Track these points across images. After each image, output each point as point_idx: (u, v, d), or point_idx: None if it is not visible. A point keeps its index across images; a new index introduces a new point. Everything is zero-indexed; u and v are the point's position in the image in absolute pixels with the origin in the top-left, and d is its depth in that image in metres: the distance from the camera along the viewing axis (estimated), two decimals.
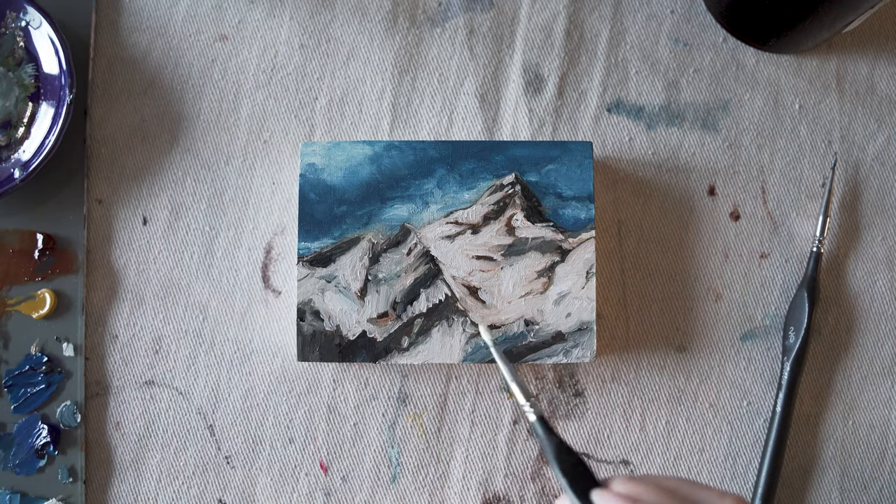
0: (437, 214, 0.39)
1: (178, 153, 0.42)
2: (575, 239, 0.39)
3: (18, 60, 0.40)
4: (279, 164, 0.42)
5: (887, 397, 0.41)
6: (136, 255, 0.41)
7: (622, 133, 0.42)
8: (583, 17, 0.43)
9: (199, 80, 0.42)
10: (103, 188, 0.41)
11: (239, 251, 0.41)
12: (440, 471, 0.40)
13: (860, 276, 0.42)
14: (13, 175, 0.39)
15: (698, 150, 0.42)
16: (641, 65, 0.43)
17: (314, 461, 0.40)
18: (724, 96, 0.43)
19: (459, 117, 0.42)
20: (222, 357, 0.41)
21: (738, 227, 0.42)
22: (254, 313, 0.41)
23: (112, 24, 0.42)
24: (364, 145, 0.39)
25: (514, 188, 0.39)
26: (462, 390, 0.41)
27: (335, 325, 0.38)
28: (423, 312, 0.38)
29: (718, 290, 0.42)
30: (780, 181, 0.42)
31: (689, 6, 0.43)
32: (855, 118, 0.43)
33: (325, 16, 0.43)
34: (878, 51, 0.43)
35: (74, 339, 0.40)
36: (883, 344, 0.41)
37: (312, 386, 0.41)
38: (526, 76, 0.42)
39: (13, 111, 0.40)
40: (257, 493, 0.40)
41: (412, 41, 0.43)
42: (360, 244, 0.38)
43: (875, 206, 0.42)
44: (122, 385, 0.40)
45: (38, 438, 0.39)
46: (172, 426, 0.40)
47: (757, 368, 0.41)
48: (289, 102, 0.42)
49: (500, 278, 0.38)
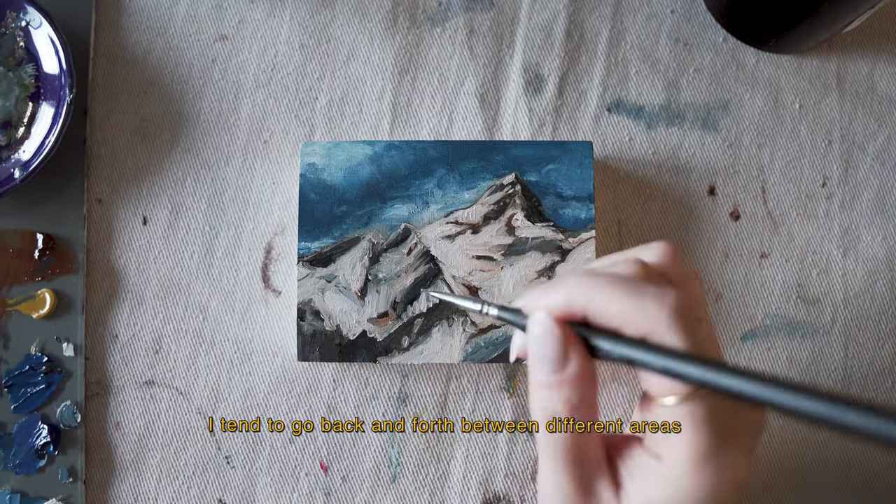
0: (437, 214, 0.39)
1: (178, 153, 0.42)
2: (575, 239, 0.39)
3: (18, 60, 0.40)
4: (279, 164, 0.42)
5: (887, 397, 0.41)
6: (136, 255, 0.41)
7: (622, 133, 0.42)
8: (583, 17, 0.43)
9: (199, 80, 0.42)
10: (103, 188, 0.41)
11: (239, 251, 0.41)
12: (440, 471, 0.40)
13: (860, 276, 0.42)
14: (13, 175, 0.39)
15: (698, 150, 0.42)
16: (641, 65, 0.43)
17: (314, 461, 0.40)
18: (724, 96, 0.43)
19: (459, 117, 0.42)
20: (222, 357, 0.41)
21: (738, 227, 0.42)
22: (254, 313, 0.41)
23: (112, 24, 0.42)
24: (364, 145, 0.39)
25: (514, 188, 0.39)
26: (462, 390, 0.41)
27: (335, 325, 0.38)
28: (423, 312, 0.38)
29: (718, 290, 0.42)
30: (780, 181, 0.42)
31: (689, 6, 0.43)
32: (855, 118, 0.43)
33: (325, 16, 0.43)
34: (878, 51, 0.43)
35: (74, 339, 0.40)
36: (883, 344, 0.41)
37: (312, 386, 0.41)
38: (526, 76, 0.42)
39: (13, 111, 0.40)
40: (257, 493, 0.40)
41: (412, 41, 0.43)
42: (361, 244, 0.38)
43: (875, 206, 0.42)
44: (122, 385, 0.40)
45: (38, 438, 0.39)
46: (172, 426, 0.40)
47: (757, 368, 0.41)
48: (289, 102, 0.42)
49: (500, 278, 0.38)
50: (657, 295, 0.24)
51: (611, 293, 0.24)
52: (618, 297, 0.24)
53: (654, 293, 0.24)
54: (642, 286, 0.24)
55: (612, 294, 0.24)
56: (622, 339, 0.24)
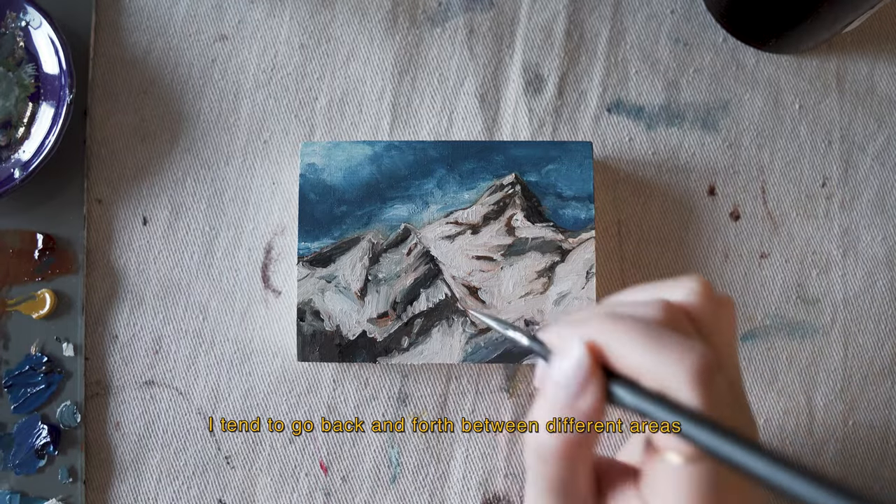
0: (437, 214, 0.39)
1: (178, 153, 0.42)
2: (575, 239, 0.39)
3: (18, 60, 0.40)
4: (279, 164, 0.42)
5: (887, 397, 0.41)
6: (136, 255, 0.41)
7: (622, 133, 0.42)
8: (583, 17, 0.43)
9: (199, 80, 0.42)
10: (103, 188, 0.41)
11: (239, 251, 0.41)
12: (440, 471, 0.40)
13: (860, 276, 0.42)
14: (13, 175, 0.39)
15: (698, 150, 0.42)
16: (641, 65, 0.43)
17: (314, 461, 0.40)
18: (724, 96, 0.43)
19: (459, 117, 0.42)
20: (222, 357, 0.41)
21: (738, 227, 0.42)
22: (254, 313, 0.41)
23: (112, 24, 0.42)
24: (364, 145, 0.39)
25: (514, 188, 0.39)
26: (462, 390, 0.41)
27: (335, 325, 0.38)
28: (422, 312, 0.38)
29: (718, 291, 0.41)
30: (780, 181, 0.42)
31: (689, 6, 0.43)
32: (855, 118, 0.43)
33: (325, 16, 0.43)
34: (878, 51, 0.43)
35: (74, 339, 0.40)
36: (883, 344, 0.41)
37: (312, 386, 0.41)
38: (526, 76, 0.42)
39: (13, 111, 0.40)
40: (257, 493, 0.40)
41: (412, 41, 0.43)
42: (360, 244, 0.38)
43: (875, 207, 0.42)
44: (122, 385, 0.40)
45: (38, 438, 0.39)
46: (172, 426, 0.40)
47: (757, 368, 0.41)
48: (289, 102, 0.42)
49: (500, 278, 0.38)
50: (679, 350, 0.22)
51: (630, 342, 0.23)
52: (638, 348, 0.23)
53: (676, 347, 0.22)
54: (664, 338, 0.23)
55: (631, 343, 0.23)
56: (639, 389, 0.23)
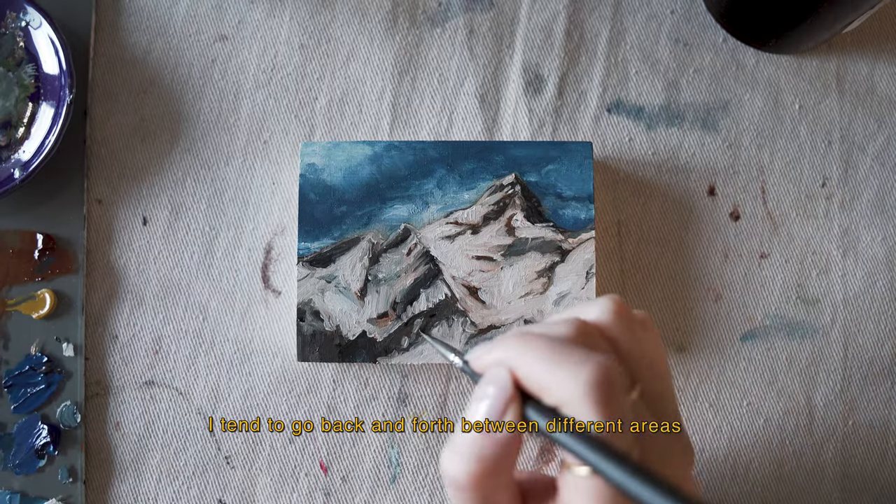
0: (437, 214, 0.39)
1: (178, 153, 0.42)
2: (575, 239, 0.39)
3: (18, 60, 0.40)
4: (279, 164, 0.42)
5: (887, 397, 0.41)
6: (136, 255, 0.41)
7: (622, 133, 0.42)
8: (583, 17, 0.43)
9: (199, 80, 0.42)
10: (103, 188, 0.41)
11: (239, 251, 0.41)
12: (440, 471, 0.40)
13: (860, 277, 0.42)
14: (13, 175, 0.39)
15: (698, 150, 0.42)
16: (641, 65, 0.43)
17: (314, 461, 0.40)
18: (724, 96, 0.43)
19: (459, 117, 0.42)
20: (222, 357, 0.41)
21: (738, 227, 0.42)
22: (254, 313, 0.41)
23: (112, 24, 0.42)
24: (364, 145, 0.39)
25: (513, 188, 0.39)
26: (462, 390, 0.41)
27: (335, 325, 0.38)
28: (422, 312, 0.38)
29: (718, 290, 0.42)
30: (780, 181, 0.42)
31: (689, 6, 0.43)
32: (855, 118, 0.43)
33: (325, 16, 0.43)
34: (878, 51, 0.43)
35: (74, 339, 0.40)
36: (883, 344, 0.41)
37: (312, 386, 0.41)
38: (526, 76, 0.42)
39: (13, 111, 0.40)
40: (257, 493, 0.40)
41: (412, 41, 0.43)
42: (360, 244, 0.38)
43: (875, 207, 0.42)
44: (122, 385, 0.40)
45: (38, 438, 0.39)
46: (172, 426, 0.40)
47: (757, 368, 0.41)
48: (289, 102, 0.42)
49: (499, 278, 0.38)
50: (575, 362, 0.22)
51: (533, 357, 0.23)
52: (538, 363, 0.23)
53: (573, 360, 0.22)
54: (565, 351, 0.23)
55: (534, 358, 0.23)
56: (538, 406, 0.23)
